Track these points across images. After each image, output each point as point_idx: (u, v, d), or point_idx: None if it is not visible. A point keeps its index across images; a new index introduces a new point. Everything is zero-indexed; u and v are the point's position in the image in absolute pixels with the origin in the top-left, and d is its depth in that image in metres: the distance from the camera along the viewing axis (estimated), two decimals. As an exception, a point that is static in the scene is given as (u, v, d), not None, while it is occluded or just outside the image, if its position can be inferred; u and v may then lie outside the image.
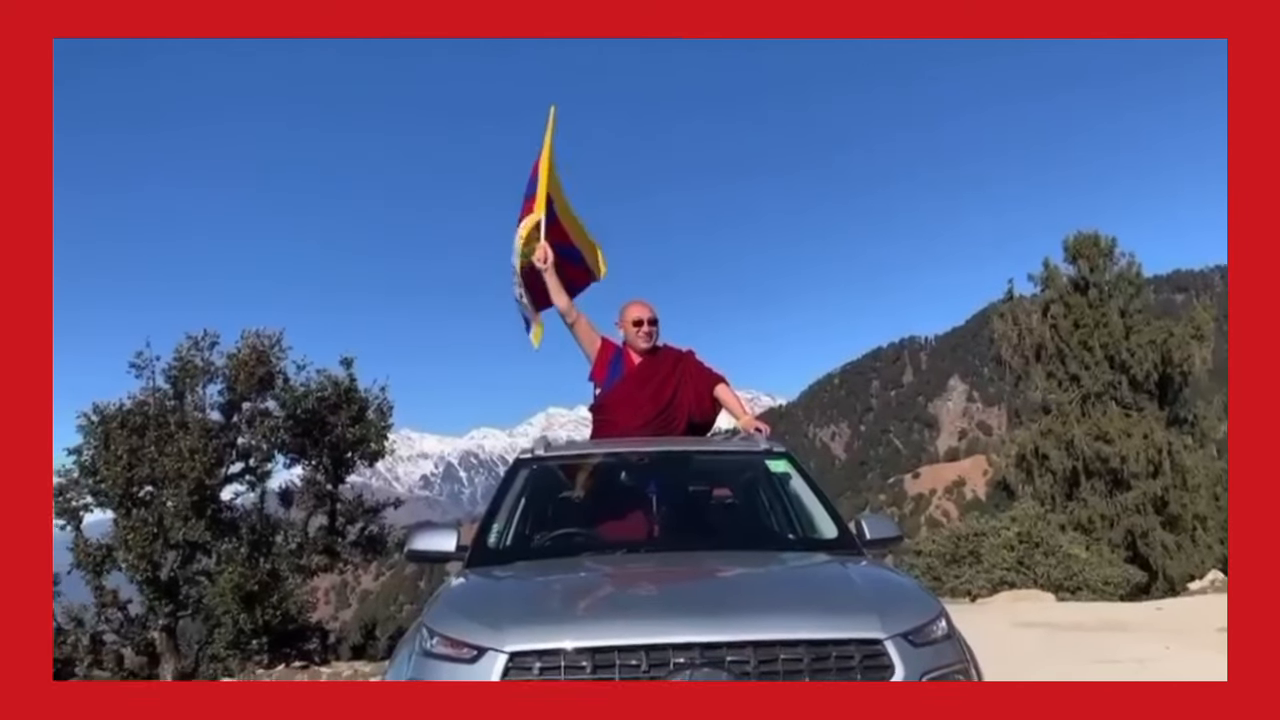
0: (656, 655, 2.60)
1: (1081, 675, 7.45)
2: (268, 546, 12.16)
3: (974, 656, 2.97)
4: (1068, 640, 9.78)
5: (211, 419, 12.01)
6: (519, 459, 4.60)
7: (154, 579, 11.22)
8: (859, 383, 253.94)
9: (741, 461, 4.78)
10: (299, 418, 12.38)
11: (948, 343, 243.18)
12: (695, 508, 4.66)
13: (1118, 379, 24.80)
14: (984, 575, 18.03)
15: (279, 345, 12.29)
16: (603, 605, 3.12)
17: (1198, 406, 25.36)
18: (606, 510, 4.47)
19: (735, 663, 2.59)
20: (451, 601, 3.22)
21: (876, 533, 3.91)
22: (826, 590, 3.32)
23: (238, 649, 11.13)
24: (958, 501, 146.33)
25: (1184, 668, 7.79)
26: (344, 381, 12.83)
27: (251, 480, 12.49)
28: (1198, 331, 24.71)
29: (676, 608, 2.94)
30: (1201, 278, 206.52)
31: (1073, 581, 18.01)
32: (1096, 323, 25.14)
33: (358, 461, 13.18)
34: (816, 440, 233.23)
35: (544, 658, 2.64)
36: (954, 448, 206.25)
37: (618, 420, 5.20)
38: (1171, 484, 23.51)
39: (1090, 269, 25.73)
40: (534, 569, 3.69)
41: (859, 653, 2.66)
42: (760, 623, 2.72)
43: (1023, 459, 25.22)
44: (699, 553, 3.80)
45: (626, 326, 5.31)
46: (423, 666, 2.80)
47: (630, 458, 4.64)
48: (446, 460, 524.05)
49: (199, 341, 11.98)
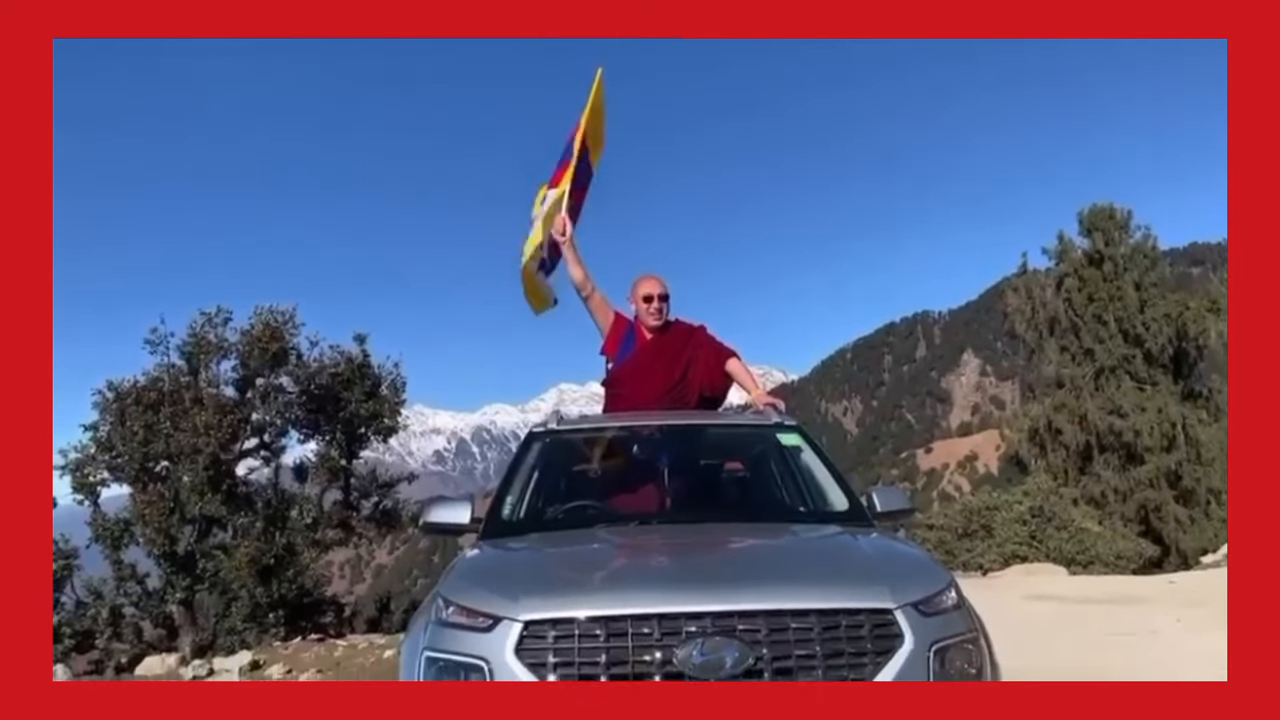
0: (669, 624, 2.63)
1: (1092, 647, 7.48)
2: (283, 521, 12.23)
3: (984, 627, 2.99)
4: (1079, 613, 9.80)
5: (226, 395, 12.05)
6: (532, 432, 4.63)
7: (171, 553, 11.31)
8: (871, 358, 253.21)
9: (753, 435, 4.80)
10: (312, 393, 12.42)
11: (961, 317, 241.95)
12: (707, 481, 4.68)
13: (1132, 353, 24.68)
14: (996, 549, 18.05)
15: (292, 321, 12.29)
16: (615, 575, 3.15)
17: (1212, 380, 25.20)
18: (619, 483, 4.50)
19: (746, 631, 2.61)
20: (466, 572, 3.26)
21: (887, 505, 3.93)
22: (837, 561, 3.34)
23: (254, 622, 11.23)
24: (970, 476, 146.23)
25: (1195, 641, 7.80)
26: (357, 357, 12.85)
27: (266, 455, 12.55)
28: (1213, 305, 24.51)
29: (688, 578, 2.97)
30: (1218, 250, 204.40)
31: (1085, 555, 18.01)
32: (1111, 296, 24.99)
33: (371, 437, 13.23)
34: (829, 415, 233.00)
35: (558, 626, 2.67)
36: (967, 422, 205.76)
37: (630, 394, 5.21)
38: (1185, 458, 23.45)
39: (1105, 242, 25.55)
40: (547, 540, 3.72)
41: (869, 622, 2.69)
42: (771, 592, 2.74)
43: (1035, 433, 25.17)
44: (710, 524, 3.82)
45: (637, 302, 5.31)
46: (439, 636, 2.84)
47: (642, 431, 4.66)
48: (459, 436, 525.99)
49: (212, 318, 11.99)
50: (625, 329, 5.34)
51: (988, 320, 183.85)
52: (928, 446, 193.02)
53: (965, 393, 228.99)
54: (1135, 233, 25.84)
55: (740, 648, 2.59)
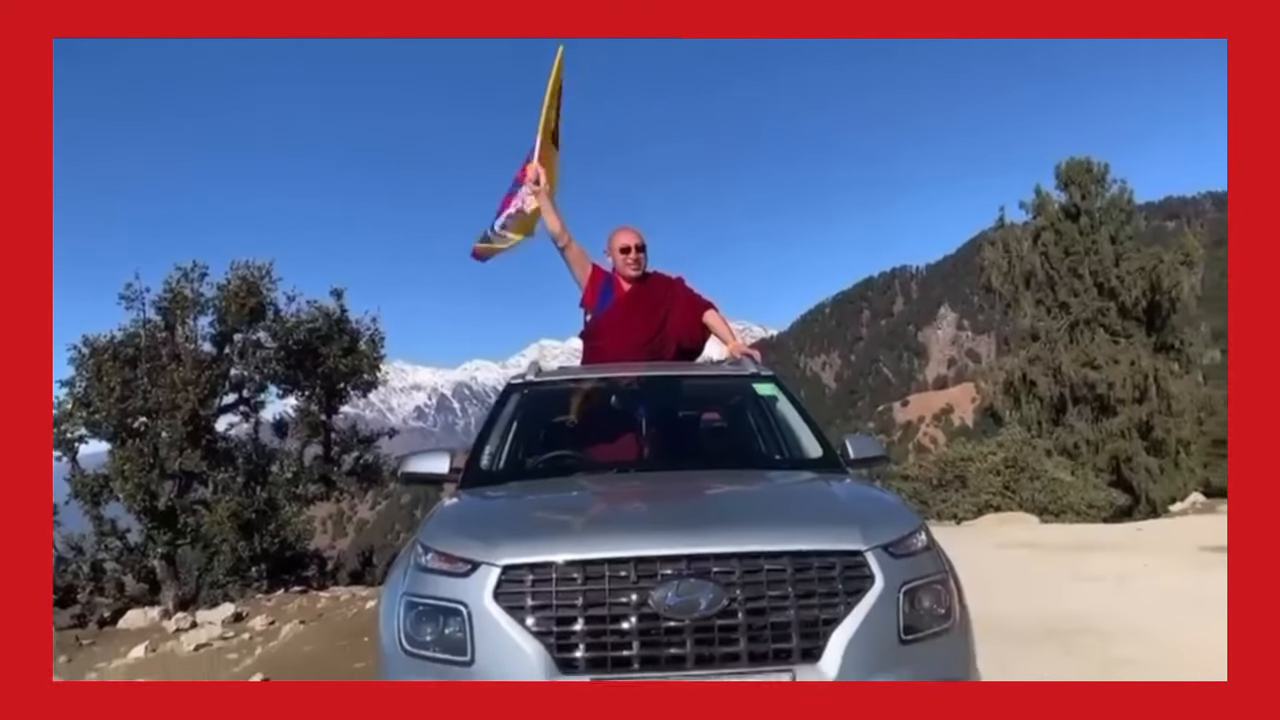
0: (644, 567, 2.68)
1: (1061, 592, 7.67)
2: (263, 476, 12.23)
3: (953, 569, 3.07)
4: (1049, 559, 10.02)
5: (203, 350, 11.97)
6: (510, 384, 4.66)
7: (151, 508, 11.31)
8: (850, 312, 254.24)
9: (729, 385, 4.85)
10: (291, 349, 12.35)
11: (938, 271, 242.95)
12: (684, 430, 4.73)
13: (1106, 306, 24.91)
14: (970, 499, 18.34)
15: (269, 276, 12.18)
16: (593, 521, 3.20)
17: (1185, 333, 25.52)
18: (597, 433, 4.54)
19: (720, 573, 2.67)
20: (445, 519, 3.30)
21: (860, 452, 3.99)
22: (810, 504, 3.41)
23: (237, 575, 11.27)
24: (946, 429, 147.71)
25: (1161, 584, 8.02)
26: (335, 312, 12.77)
27: (245, 411, 12.50)
28: (1187, 258, 24.75)
29: (664, 522, 3.03)
30: (1193, 204, 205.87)
31: (1057, 505, 18.34)
32: (1087, 250, 25.16)
33: (351, 392, 13.20)
34: (807, 370, 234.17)
35: (536, 571, 2.72)
36: (943, 375, 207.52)
37: (607, 346, 5.24)
38: (1157, 409, 23.80)
39: (1082, 195, 25.67)
40: (526, 488, 3.77)
41: (840, 563, 2.75)
42: (745, 535, 2.80)
43: (1010, 386, 25.45)
44: (687, 472, 3.88)
45: (614, 254, 5.32)
46: (418, 581, 2.89)
47: (620, 382, 4.69)
48: (440, 392, 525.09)
49: (188, 273, 11.86)
50: (603, 281, 5.35)
51: (965, 274, 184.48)
52: (904, 400, 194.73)
53: (942, 347, 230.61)
54: (1111, 186, 25.99)
55: (714, 589, 2.65)
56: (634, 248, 5.24)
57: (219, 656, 6.80)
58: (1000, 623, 5.43)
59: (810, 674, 2.60)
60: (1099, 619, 6.38)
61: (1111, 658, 5.35)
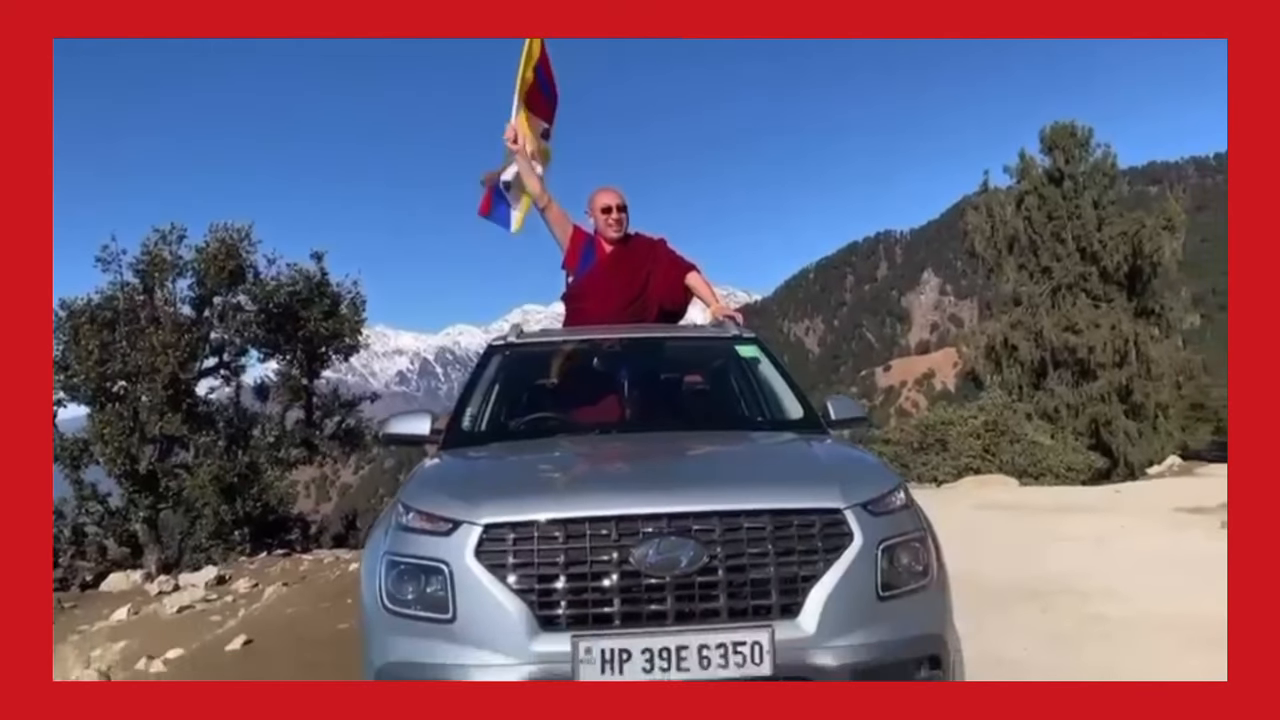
0: (626, 525, 2.69)
1: (1040, 551, 7.76)
2: (245, 440, 12.22)
3: (932, 528, 3.09)
4: (1028, 520, 10.14)
5: (182, 314, 11.89)
6: (492, 345, 4.63)
7: (132, 472, 11.28)
8: (834, 277, 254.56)
9: (712, 347, 4.84)
10: (271, 312, 12.29)
11: (922, 236, 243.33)
12: (666, 392, 4.73)
13: (1088, 270, 25.03)
14: (950, 462, 18.50)
15: (248, 239, 12.09)
16: (574, 480, 3.21)
17: (1165, 297, 25.68)
18: (579, 395, 4.53)
19: (701, 531, 2.69)
20: (426, 479, 3.30)
21: (841, 413, 4.00)
22: (790, 464, 3.43)
23: (219, 539, 11.27)
24: (927, 393, 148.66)
25: (1137, 542, 8.14)
26: (316, 276, 12.70)
27: (226, 375, 12.46)
28: (1169, 223, 24.84)
29: (645, 481, 3.03)
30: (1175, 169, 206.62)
31: (1037, 468, 18.53)
32: (1070, 214, 25.22)
33: (332, 356, 13.17)
34: (791, 335, 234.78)
35: (517, 529, 2.72)
36: (925, 340, 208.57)
37: (589, 309, 5.21)
38: (1136, 373, 24.02)
39: (1065, 160, 25.68)
40: (508, 449, 3.77)
41: (820, 521, 2.76)
42: (725, 494, 2.81)
43: (992, 350, 25.60)
44: (669, 433, 3.88)
45: (595, 215, 5.27)
46: (399, 540, 2.89)
47: (602, 344, 4.68)
48: (422, 357, 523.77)
49: (166, 235, 11.75)
50: (585, 242, 5.31)
51: (949, 239, 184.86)
52: (886, 365, 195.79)
53: (925, 311, 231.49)
54: (1095, 151, 25.99)
55: (695, 547, 2.66)
56: (615, 208, 5.20)
57: (202, 618, 6.81)
58: (979, 582, 5.49)
59: (789, 630, 2.62)
60: (1076, 579, 6.47)
61: (1088, 615, 5.43)
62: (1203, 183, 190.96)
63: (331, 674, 4.67)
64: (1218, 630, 4.92)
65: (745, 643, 2.58)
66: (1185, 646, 4.68)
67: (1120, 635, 4.96)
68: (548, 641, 2.60)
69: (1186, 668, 4.24)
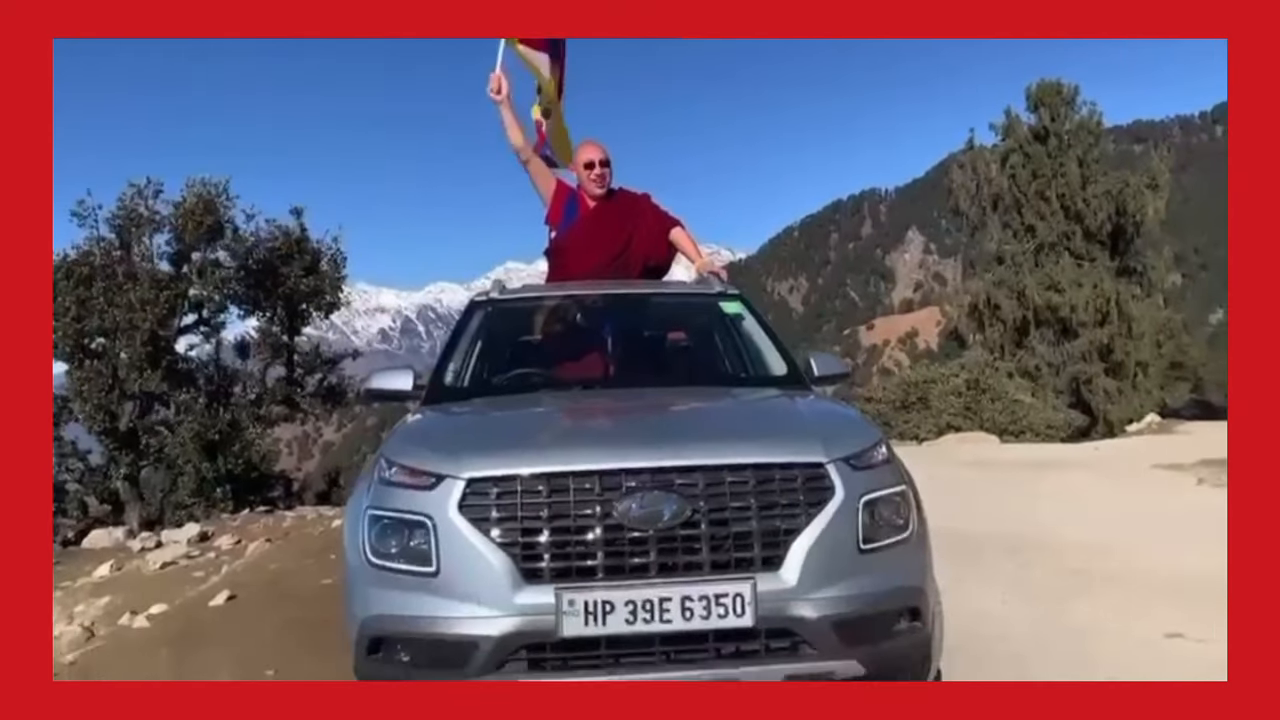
0: (609, 480, 2.69)
1: (1019, 507, 7.85)
2: (226, 397, 12.13)
3: (913, 482, 3.11)
4: (1007, 476, 10.25)
5: (161, 270, 11.72)
6: (474, 301, 4.60)
7: (113, 429, 11.19)
8: (818, 235, 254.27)
9: (696, 304, 4.82)
10: (251, 269, 12.15)
11: (907, 194, 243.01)
12: (650, 348, 4.72)
13: (1072, 229, 25.06)
14: (932, 420, 18.64)
15: (226, 194, 11.89)
16: (558, 435, 3.21)
17: (1147, 256, 25.79)
18: (562, 351, 4.52)
19: (684, 485, 2.69)
20: (409, 434, 3.29)
21: (824, 369, 4.01)
22: (772, 419, 3.44)
23: (202, 497, 11.24)
24: (910, 352, 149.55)
25: (1115, 498, 8.25)
26: (295, 232, 12.53)
27: (206, 332, 12.33)
28: (1153, 181, 24.88)
29: (628, 436, 3.04)
30: (1161, 128, 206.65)
31: (1017, 425, 18.69)
32: (1054, 173, 25.19)
33: (313, 313, 13.03)
34: (775, 294, 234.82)
35: (500, 484, 2.72)
36: (909, 299, 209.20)
37: (572, 264, 5.17)
38: (1117, 332, 24.16)
39: (1051, 118, 25.59)
40: (490, 404, 3.75)
41: (802, 475, 2.78)
42: (708, 448, 2.82)
43: (975, 309, 25.68)
44: (652, 389, 3.88)
45: (578, 169, 5.21)
46: (382, 494, 2.88)
47: (585, 300, 4.66)
48: (404, 314, 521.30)
49: (142, 190, 11.55)
50: (568, 196, 5.26)
51: (933, 197, 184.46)
52: (870, 324, 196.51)
53: (909, 270, 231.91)
54: (1081, 109, 25.90)
55: (678, 501, 2.67)
56: (598, 163, 5.14)
57: (185, 574, 6.80)
58: (959, 537, 5.55)
59: (771, 581, 2.64)
60: (1055, 533, 6.55)
61: (1065, 569, 5.50)
62: (1187, 141, 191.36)
63: (315, 629, 4.69)
64: (1193, 583, 5.02)
65: (727, 594, 2.60)
66: (1160, 598, 4.76)
67: (1097, 588, 5.04)
68: (531, 594, 2.61)
69: (1161, 619, 4.31)
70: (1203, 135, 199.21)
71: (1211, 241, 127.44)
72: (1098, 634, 4.17)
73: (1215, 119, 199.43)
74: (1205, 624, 4.21)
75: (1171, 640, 4.03)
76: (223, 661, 4.39)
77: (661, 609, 2.58)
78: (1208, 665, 3.65)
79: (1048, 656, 3.85)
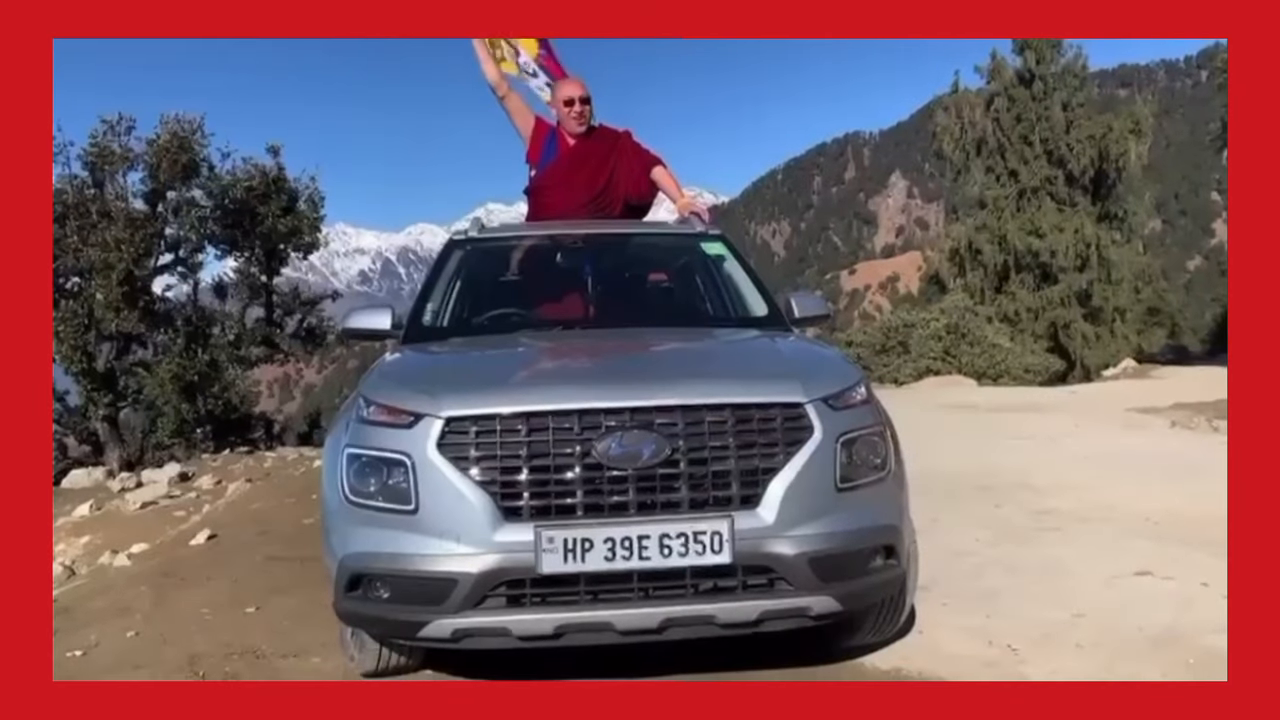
0: (589, 419, 2.70)
1: (995, 448, 7.94)
2: (205, 338, 12.04)
3: (891, 422, 3.14)
4: (985, 418, 10.36)
5: (135, 208, 11.55)
6: (452, 240, 4.56)
7: (90, 370, 11.10)
8: (801, 179, 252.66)
9: (677, 245, 4.80)
10: (227, 208, 11.98)
11: (891, 138, 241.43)
12: (631, 288, 4.70)
13: (1055, 174, 25.01)
14: (911, 364, 18.75)
15: (200, 131, 11.68)
16: (537, 375, 3.21)
17: (1128, 202, 25.81)
18: (542, 291, 4.49)
19: (664, 425, 2.70)
20: (387, 372, 3.28)
21: (805, 310, 4.01)
22: (752, 359, 3.45)
23: (181, 438, 11.23)
24: (891, 297, 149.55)
25: (1089, 440, 8.36)
26: (272, 171, 12.35)
27: (183, 272, 12.21)
28: (1136, 126, 24.79)
29: (608, 376, 3.04)
30: (1145, 72, 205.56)
31: (995, 370, 18.84)
32: (1039, 116, 25.06)
33: (291, 254, 12.91)
34: (757, 237, 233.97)
35: (480, 423, 2.72)
36: (891, 244, 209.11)
37: (552, 203, 5.12)
38: (1096, 277, 24.26)
39: (1037, 60, 25.36)
40: (469, 344, 3.74)
41: (781, 415, 2.79)
42: (688, 388, 2.82)
43: (956, 253, 25.69)
44: (633, 329, 3.87)
45: (558, 107, 5.14)
46: (360, 433, 2.88)
47: (565, 240, 4.62)
48: (384, 256, 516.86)
49: (114, 126, 11.32)
50: (547, 134, 5.19)
51: (917, 141, 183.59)
52: (851, 268, 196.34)
53: (891, 215, 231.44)
54: (1067, 52, 25.66)
55: (657, 440, 2.68)
56: (578, 100, 5.06)
57: (166, 514, 6.81)
58: (936, 478, 5.61)
59: (748, 520, 2.67)
60: (1030, 474, 6.63)
61: (1039, 509, 5.58)
62: (1172, 86, 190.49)
63: (296, 568, 4.72)
64: (1163, 523, 5.12)
65: (705, 532, 2.62)
66: (1130, 537, 4.84)
67: (1070, 528, 5.12)
68: (511, 531, 2.63)
69: (1130, 558, 4.39)
70: (1187, 80, 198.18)
71: (1191, 188, 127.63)
72: (1068, 572, 4.25)
73: (1200, 64, 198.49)
74: (1172, 562, 4.30)
75: (1141, 578, 4.11)
76: (203, 599, 4.42)
77: (640, 546, 2.60)
78: (1174, 603, 3.74)
79: (1021, 594, 3.93)
